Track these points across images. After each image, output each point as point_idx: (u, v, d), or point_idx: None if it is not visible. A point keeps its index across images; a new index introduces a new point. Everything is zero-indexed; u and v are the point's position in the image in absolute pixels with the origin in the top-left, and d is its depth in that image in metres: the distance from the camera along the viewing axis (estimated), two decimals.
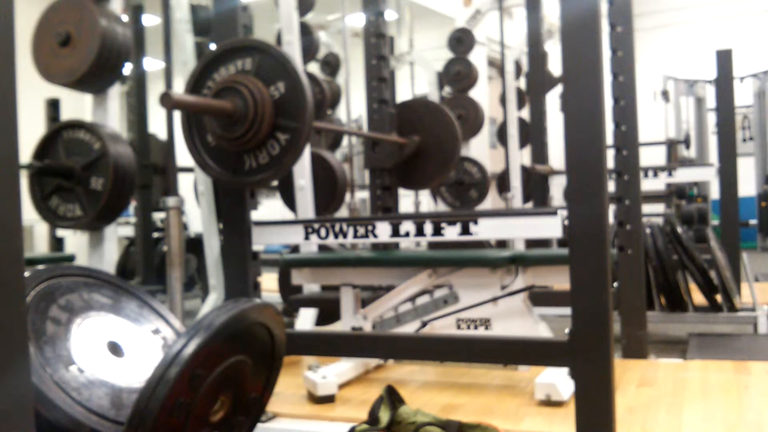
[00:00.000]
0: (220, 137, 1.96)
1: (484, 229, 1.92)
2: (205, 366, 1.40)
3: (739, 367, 2.59)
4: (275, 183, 3.37)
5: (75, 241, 4.78)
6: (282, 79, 1.92)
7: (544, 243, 4.18)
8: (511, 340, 1.91)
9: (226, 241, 2.15)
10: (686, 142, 7.79)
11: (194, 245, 4.18)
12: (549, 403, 2.14)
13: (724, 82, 4.10)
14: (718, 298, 3.54)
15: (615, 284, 2.79)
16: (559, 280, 2.28)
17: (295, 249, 3.22)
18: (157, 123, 4.08)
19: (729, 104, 4.10)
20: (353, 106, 3.98)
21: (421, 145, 3.12)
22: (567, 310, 1.61)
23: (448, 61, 5.63)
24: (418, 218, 2.00)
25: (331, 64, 5.74)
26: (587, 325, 1.53)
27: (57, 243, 4.61)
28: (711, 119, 8.44)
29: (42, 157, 2.20)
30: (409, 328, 2.41)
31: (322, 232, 2.13)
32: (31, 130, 1.79)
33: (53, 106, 4.59)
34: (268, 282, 3.75)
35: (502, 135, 5.69)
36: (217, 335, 1.40)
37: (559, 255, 2.28)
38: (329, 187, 3.33)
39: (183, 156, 2.34)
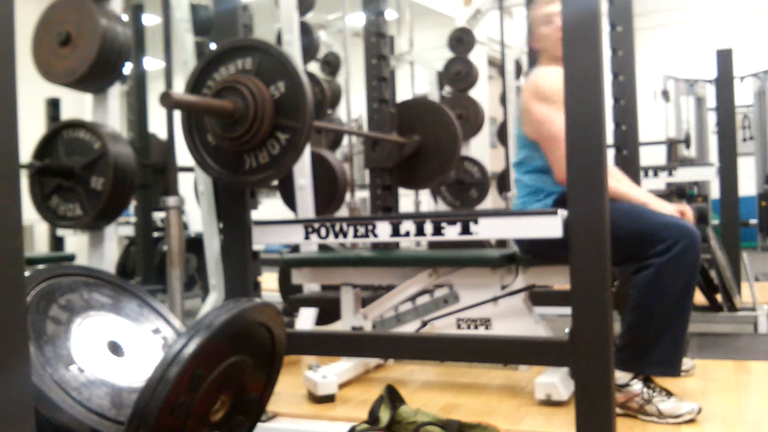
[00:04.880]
0: (220, 137, 1.96)
1: (485, 229, 1.92)
2: (205, 366, 1.40)
3: (739, 367, 2.59)
4: (275, 182, 3.37)
5: (75, 241, 4.78)
6: (282, 78, 1.92)
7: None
8: (511, 340, 1.91)
9: (226, 241, 2.15)
10: (686, 142, 7.78)
11: (194, 245, 4.18)
12: (549, 403, 2.14)
13: (724, 82, 4.09)
14: (719, 297, 3.54)
15: (615, 284, 2.78)
16: (559, 280, 2.28)
17: (295, 248, 3.22)
18: (157, 123, 4.09)
19: (729, 104, 4.09)
20: (353, 106, 3.99)
21: (421, 144, 3.12)
22: (567, 310, 1.61)
23: (448, 61, 5.63)
24: (419, 218, 2.00)
25: (331, 64, 5.73)
26: (587, 325, 1.53)
27: (57, 243, 4.61)
28: (711, 119, 8.43)
29: (42, 157, 2.20)
30: (409, 328, 2.41)
31: (323, 231, 2.13)
32: (31, 130, 1.79)
33: (53, 105, 4.59)
34: (268, 281, 3.75)
35: (502, 135, 5.68)
36: (218, 335, 1.40)
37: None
38: (329, 187, 3.33)
39: (183, 156, 2.34)
